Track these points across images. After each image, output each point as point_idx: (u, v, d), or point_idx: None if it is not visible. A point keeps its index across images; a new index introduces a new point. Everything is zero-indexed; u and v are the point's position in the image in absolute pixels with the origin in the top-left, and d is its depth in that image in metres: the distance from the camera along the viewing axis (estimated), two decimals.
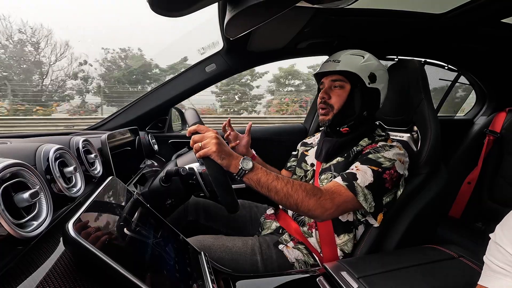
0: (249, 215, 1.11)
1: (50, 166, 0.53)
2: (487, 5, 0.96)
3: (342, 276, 0.64)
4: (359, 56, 0.88)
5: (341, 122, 0.90)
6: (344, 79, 0.87)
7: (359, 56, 0.88)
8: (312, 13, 0.89)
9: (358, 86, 0.86)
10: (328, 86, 0.90)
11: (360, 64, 0.86)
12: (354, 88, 0.87)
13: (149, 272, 0.43)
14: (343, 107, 0.88)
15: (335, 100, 0.89)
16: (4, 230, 0.36)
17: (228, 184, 0.70)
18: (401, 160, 0.81)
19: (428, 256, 0.73)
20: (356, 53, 0.89)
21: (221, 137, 0.70)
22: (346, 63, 0.86)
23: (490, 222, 1.51)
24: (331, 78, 0.89)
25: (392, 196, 0.81)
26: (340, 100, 0.88)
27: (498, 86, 1.78)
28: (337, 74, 0.88)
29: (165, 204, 0.92)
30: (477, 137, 1.67)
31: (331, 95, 0.89)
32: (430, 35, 1.27)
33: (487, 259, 0.43)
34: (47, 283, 0.34)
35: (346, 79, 0.87)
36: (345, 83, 0.88)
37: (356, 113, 0.89)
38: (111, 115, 1.43)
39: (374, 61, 0.89)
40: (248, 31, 0.67)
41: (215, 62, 1.36)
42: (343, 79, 0.88)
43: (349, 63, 0.86)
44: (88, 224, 0.39)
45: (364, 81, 0.86)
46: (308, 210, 0.71)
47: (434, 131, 0.91)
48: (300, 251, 0.85)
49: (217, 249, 0.82)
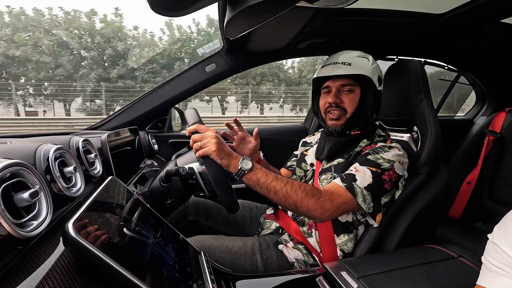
0: (249, 215, 1.11)
1: (50, 166, 0.53)
2: (487, 5, 0.96)
3: (342, 276, 0.64)
4: (365, 59, 0.87)
5: (353, 126, 0.88)
6: (354, 83, 0.85)
7: (365, 58, 0.87)
8: (312, 13, 0.89)
9: (371, 89, 0.85)
10: (337, 90, 0.87)
11: (370, 67, 0.85)
12: (365, 91, 0.85)
13: (149, 272, 0.43)
14: (356, 111, 0.86)
15: (348, 104, 0.86)
16: (4, 230, 0.36)
17: (227, 184, 0.70)
18: (400, 161, 0.81)
19: (428, 256, 0.73)
20: (361, 55, 0.88)
21: (221, 137, 0.70)
22: (358, 66, 0.84)
23: (490, 222, 1.51)
24: (341, 82, 0.86)
25: (390, 196, 0.81)
26: (353, 104, 0.86)
27: (498, 86, 1.79)
28: (347, 78, 0.85)
29: (165, 204, 0.92)
30: (477, 137, 1.67)
31: (342, 99, 0.86)
32: (430, 35, 1.27)
33: (485, 259, 0.43)
34: (47, 283, 0.34)
35: (356, 83, 0.85)
36: (355, 86, 0.86)
37: (368, 117, 0.88)
38: (111, 114, 1.43)
39: (377, 64, 0.88)
40: (248, 31, 0.67)
41: (215, 62, 1.36)
42: (353, 83, 0.85)
43: (360, 66, 0.84)
44: (88, 224, 0.39)
45: (375, 85, 0.85)
46: (308, 211, 0.71)
47: (434, 131, 0.91)
48: (300, 251, 0.85)
49: (217, 249, 0.82)
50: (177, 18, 1.48)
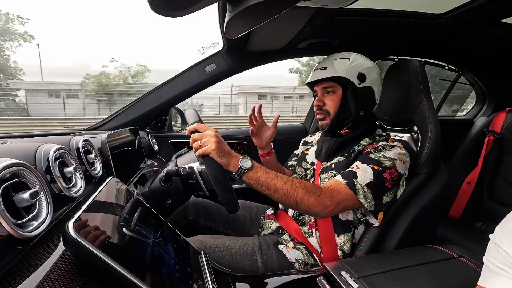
0: (249, 215, 1.11)
1: (50, 166, 0.53)
2: (487, 5, 0.96)
3: (342, 276, 0.64)
4: (344, 59, 0.89)
5: (340, 125, 0.91)
6: (335, 84, 0.89)
7: (345, 58, 0.89)
8: (312, 13, 0.89)
9: (349, 88, 0.87)
10: (321, 93, 0.92)
11: (347, 67, 0.87)
12: (345, 91, 0.88)
13: (149, 272, 0.43)
14: (339, 111, 0.90)
15: (329, 105, 0.91)
16: (4, 230, 0.36)
17: (227, 183, 0.70)
18: (402, 159, 0.81)
19: (428, 256, 0.73)
20: (341, 56, 0.90)
21: (220, 136, 0.70)
22: (332, 69, 0.87)
23: (490, 222, 1.51)
24: (322, 86, 0.91)
25: (392, 195, 0.81)
26: (334, 104, 0.90)
27: (498, 86, 1.79)
28: (327, 81, 0.89)
29: (165, 204, 0.92)
30: (477, 137, 1.67)
31: (325, 102, 0.91)
32: (430, 35, 1.27)
33: (486, 260, 0.43)
34: (47, 283, 0.34)
35: (336, 84, 0.89)
36: (336, 88, 0.89)
37: (353, 115, 0.90)
38: (111, 115, 1.43)
39: (361, 61, 0.89)
40: (248, 31, 0.67)
41: (215, 62, 1.36)
42: (333, 85, 0.89)
43: (335, 68, 0.87)
44: (88, 224, 0.39)
45: (353, 83, 0.86)
46: (308, 208, 0.71)
47: (434, 131, 0.91)
48: (300, 251, 0.85)
49: (217, 249, 0.82)
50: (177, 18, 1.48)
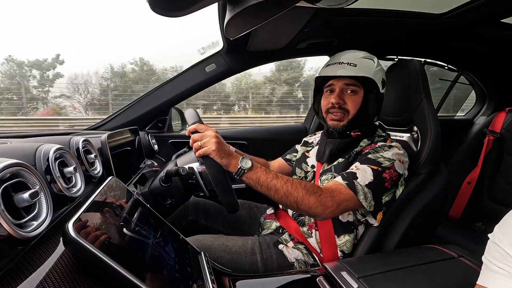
0: (249, 215, 1.11)
1: (50, 166, 0.53)
2: (487, 5, 0.96)
3: (342, 276, 0.64)
4: (370, 60, 0.86)
5: (354, 127, 0.89)
6: (358, 84, 0.85)
7: (370, 60, 0.87)
8: (312, 13, 0.89)
9: (374, 92, 0.85)
10: (340, 90, 0.87)
11: (375, 70, 0.85)
12: (368, 93, 0.86)
13: (149, 272, 0.43)
14: (358, 112, 0.86)
15: (351, 105, 0.86)
16: (4, 230, 0.36)
17: (227, 183, 0.70)
18: (401, 160, 0.81)
19: (428, 256, 0.73)
20: (367, 56, 0.87)
21: (220, 136, 0.70)
22: (363, 68, 0.83)
23: (490, 222, 1.51)
24: (344, 82, 0.86)
25: (391, 195, 0.81)
26: (355, 105, 0.86)
27: (498, 86, 1.78)
28: (352, 78, 0.85)
29: (165, 204, 0.92)
30: (477, 137, 1.67)
31: (345, 100, 0.86)
32: (430, 35, 1.27)
33: (485, 259, 0.43)
34: (47, 283, 0.34)
35: (360, 84, 0.85)
36: (359, 88, 0.86)
37: (370, 119, 0.88)
38: (111, 115, 1.43)
39: (381, 66, 0.88)
40: (248, 31, 0.67)
41: (215, 62, 1.36)
42: (357, 84, 0.85)
43: (366, 68, 0.84)
44: (88, 224, 0.39)
45: (379, 87, 0.85)
46: (309, 208, 0.70)
47: (434, 131, 0.91)
48: (300, 251, 0.85)
49: (217, 249, 0.82)
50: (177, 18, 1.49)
